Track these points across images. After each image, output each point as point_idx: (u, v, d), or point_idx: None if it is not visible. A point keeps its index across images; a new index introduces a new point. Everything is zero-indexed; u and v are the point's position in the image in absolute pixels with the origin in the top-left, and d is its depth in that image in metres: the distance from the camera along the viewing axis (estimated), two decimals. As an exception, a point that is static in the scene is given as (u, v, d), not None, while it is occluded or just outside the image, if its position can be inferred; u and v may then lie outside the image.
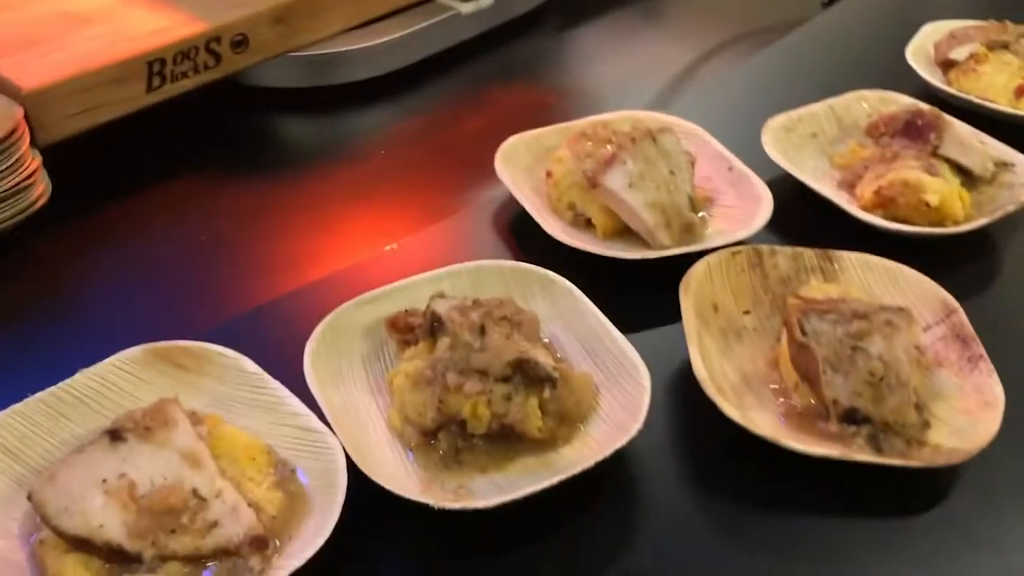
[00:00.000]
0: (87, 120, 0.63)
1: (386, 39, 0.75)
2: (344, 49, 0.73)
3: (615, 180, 0.49)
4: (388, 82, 0.76)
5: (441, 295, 0.42)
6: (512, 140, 0.55)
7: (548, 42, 0.85)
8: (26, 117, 0.59)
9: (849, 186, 0.55)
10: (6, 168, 0.58)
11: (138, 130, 0.66)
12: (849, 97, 0.59)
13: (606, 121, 0.56)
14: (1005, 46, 0.63)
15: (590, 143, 0.51)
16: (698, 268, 0.46)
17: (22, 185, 0.59)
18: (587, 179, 0.49)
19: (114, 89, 0.63)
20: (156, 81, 0.65)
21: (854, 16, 0.84)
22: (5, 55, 0.62)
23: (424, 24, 0.76)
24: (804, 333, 0.41)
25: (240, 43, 0.69)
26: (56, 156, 0.61)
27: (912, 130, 0.53)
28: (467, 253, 0.52)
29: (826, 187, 0.55)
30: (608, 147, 0.49)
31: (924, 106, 0.55)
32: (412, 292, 0.45)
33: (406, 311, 0.43)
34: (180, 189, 0.66)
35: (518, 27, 0.84)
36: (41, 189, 0.60)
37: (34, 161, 0.60)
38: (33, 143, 0.60)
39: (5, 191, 0.58)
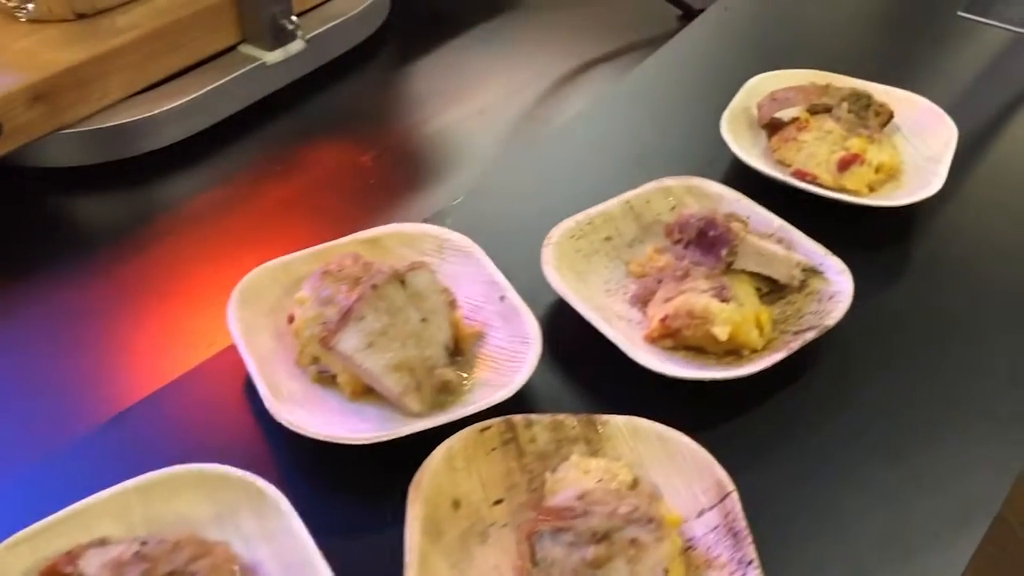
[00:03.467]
0: None
1: (179, 102, 0.62)
2: (127, 120, 0.60)
3: (350, 341, 0.39)
4: (187, 146, 0.64)
5: (101, 542, 0.33)
6: (256, 273, 0.44)
7: (372, 85, 0.72)
8: None
9: (643, 302, 0.45)
10: None
11: None
12: (651, 188, 0.49)
13: (360, 244, 0.45)
14: (827, 110, 0.54)
15: (333, 283, 0.42)
16: (435, 458, 0.36)
17: None
18: (319, 339, 0.41)
19: None
20: None
21: (690, 53, 0.72)
22: None
23: (223, 80, 0.64)
24: (535, 563, 0.33)
25: (-8, 131, 0.58)
26: None
27: (704, 242, 0.44)
28: (190, 431, 0.41)
29: (616, 304, 0.45)
30: (348, 291, 0.40)
31: (719, 214, 0.45)
32: (83, 523, 0.34)
33: (68, 554, 0.34)
34: None
35: (338, 70, 0.71)
36: None
37: None
38: None
39: None
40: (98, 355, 0.51)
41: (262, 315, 0.43)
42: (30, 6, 0.56)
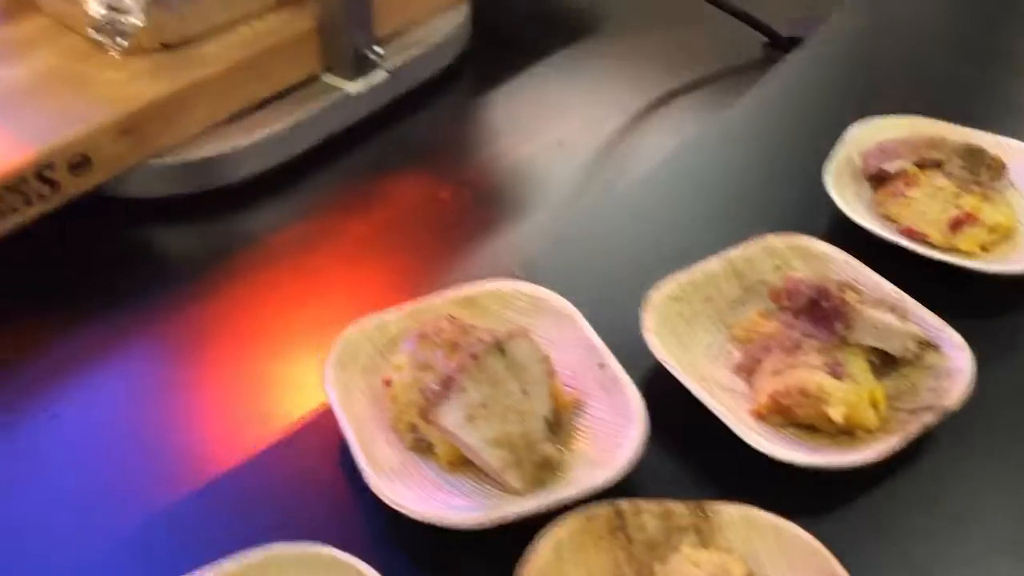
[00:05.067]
0: None
1: (261, 136, 0.60)
2: (210, 154, 0.59)
3: (451, 415, 0.37)
4: (267, 179, 0.62)
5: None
6: (350, 332, 0.42)
7: (449, 114, 0.70)
8: None
9: (748, 371, 0.42)
10: None
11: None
12: (754, 248, 0.46)
13: (455, 305, 0.43)
14: (938, 165, 0.51)
15: (431, 348, 0.40)
16: (543, 548, 0.34)
17: None
18: (419, 410, 0.39)
19: None
20: None
21: (785, 90, 0.67)
22: None
23: (305, 113, 0.62)
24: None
25: (80, 164, 0.55)
26: None
27: (817, 313, 0.41)
28: (283, 500, 0.39)
29: (719, 372, 0.42)
30: (445, 357, 0.38)
31: (831, 284, 0.42)
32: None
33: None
34: (40, 327, 0.53)
35: (415, 98, 0.68)
36: None
37: None
38: None
39: None
40: (177, 403, 0.49)
41: (357, 376, 0.41)
42: (121, 40, 0.54)
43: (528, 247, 0.58)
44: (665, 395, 0.41)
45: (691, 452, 0.41)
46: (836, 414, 0.38)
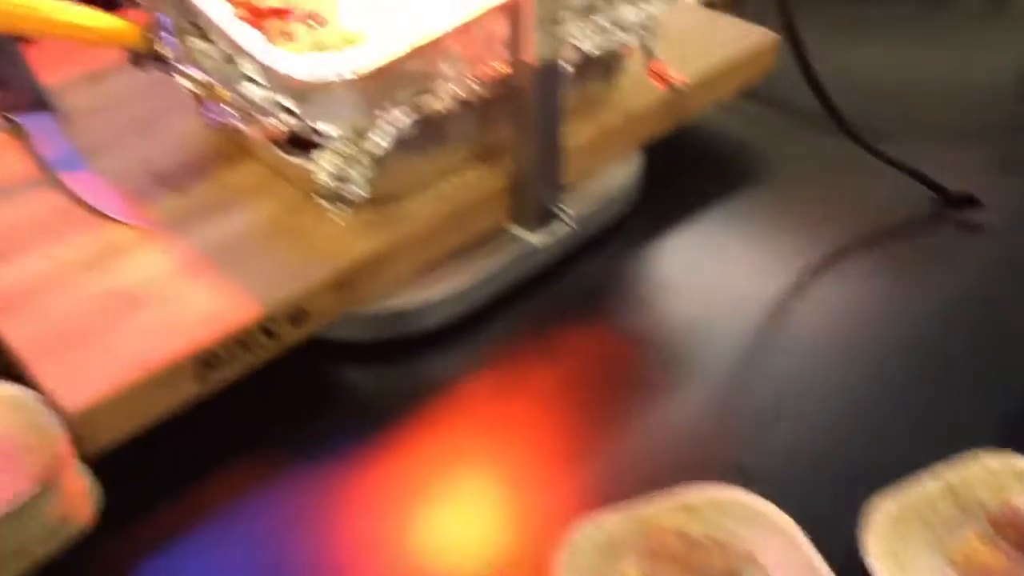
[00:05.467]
0: (131, 423, 0.54)
1: (453, 287, 0.64)
2: (406, 305, 0.63)
3: None
4: (453, 326, 0.65)
5: None
6: (576, 539, 0.43)
7: (619, 263, 0.72)
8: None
9: None
10: (49, 506, 0.49)
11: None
12: (971, 470, 0.46)
13: (675, 513, 0.43)
14: None
15: (659, 564, 0.41)
16: None
17: (67, 514, 0.51)
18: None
19: (161, 391, 0.54)
20: (206, 373, 0.55)
21: (972, 272, 0.67)
22: (49, 359, 0.53)
23: (494, 265, 0.65)
24: None
25: (299, 317, 0.59)
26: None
27: None
28: None
29: None
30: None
31: None
32: None
33: None
34: (239, 472, 0.57)
35: (589, 247, 0.71)
36: (88, 510, 0.52)
37: (79, 482, 0.53)
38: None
39: (49, 525, 0.52)
40: (364, 563, 0.51)
41: (584, 579, 0.43)
42: (343, 206, 0.58)
43: (702, 410, 0.59)
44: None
45: None
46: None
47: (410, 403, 0.61)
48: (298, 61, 0.55)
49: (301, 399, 0.61)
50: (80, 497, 0.52)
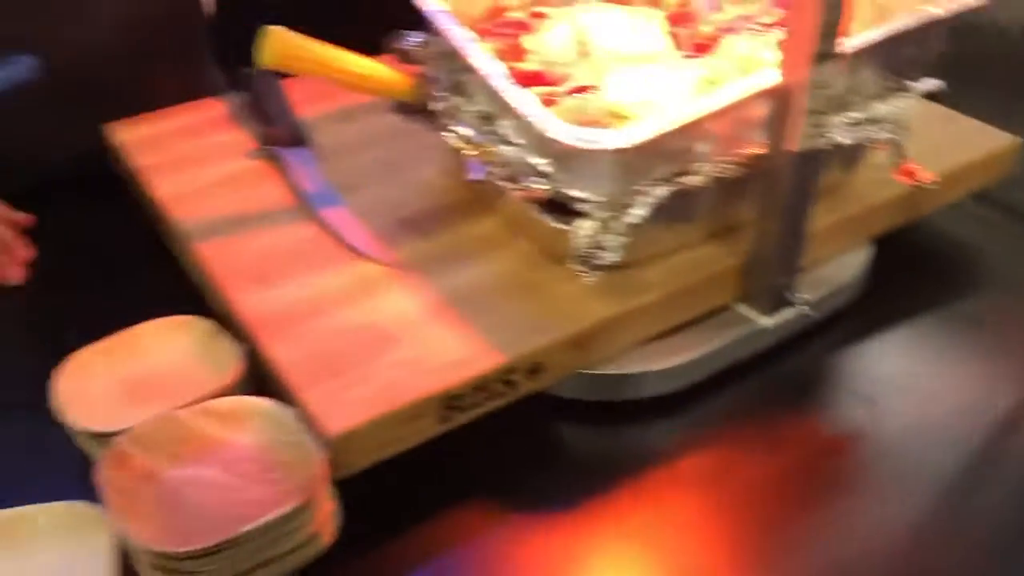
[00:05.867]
0: (377, 452, 0.56)
1: (678, 361, 0.64)
2: (630, 371, 0.63)
3: None
4: (671, 397, 0.65)
5: None
6: None
7: (840, 354, 0.70)
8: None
9: None
10: (305, 522, 0.52)
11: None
12: None
13: None
14: None
15: None
16: None
17: (316, 532, 0.53)
18: None
19: (407, 424, 0.56)
20: (448, 414, 0.57)
21: None
22: (313, 383, 0.57)
23: (720, 342, 0.65)
24: None
25: (536, 370, 0.60)
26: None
27: None
28: None
29: None
30: None
31: None
32: None
33: None
34: (457, 518, 0.58)
35: (810, 334, 0.69)
36: (332, 531, 0.54)
37: (329, 503, 0.55)
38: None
39: (300, 540, 0.54)
40: None
41: None
42: (594, 271, 0.59)
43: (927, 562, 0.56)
44: None
45: None
46: None
47: (622, 469, 0.61)
48: (570, 129, 0.58)
49: (519, 450, 0.63)
50: (328, 517, 0.54)
